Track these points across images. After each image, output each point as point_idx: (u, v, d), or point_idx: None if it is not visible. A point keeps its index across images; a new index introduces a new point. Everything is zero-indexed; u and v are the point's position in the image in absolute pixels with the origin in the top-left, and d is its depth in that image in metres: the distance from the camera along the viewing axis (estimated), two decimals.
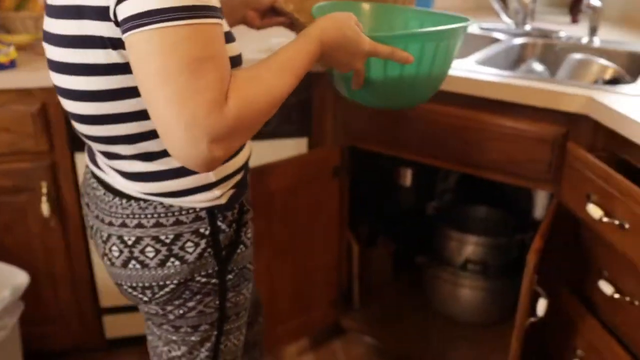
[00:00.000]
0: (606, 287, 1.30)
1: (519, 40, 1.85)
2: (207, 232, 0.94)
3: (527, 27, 1.95)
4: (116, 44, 0.79)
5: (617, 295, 1.28)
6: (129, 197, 0.94)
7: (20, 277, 1.59)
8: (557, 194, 1.43)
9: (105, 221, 0.96)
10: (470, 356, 1.85)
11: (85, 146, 1.04)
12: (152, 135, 0.87)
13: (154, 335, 1.06)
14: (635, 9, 2.12)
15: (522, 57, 1.86)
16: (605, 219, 1.20)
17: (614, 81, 1.58)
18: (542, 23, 2.10)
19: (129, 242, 0.94)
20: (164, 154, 0.90)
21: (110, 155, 0.93)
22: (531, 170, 1.47)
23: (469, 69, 1.52)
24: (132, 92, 0.83)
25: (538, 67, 1.74)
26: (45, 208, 1.65)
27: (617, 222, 1.18)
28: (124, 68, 0.81)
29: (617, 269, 1.30)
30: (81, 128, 0.92)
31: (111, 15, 0.76)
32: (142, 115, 0.85)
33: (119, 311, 1.90)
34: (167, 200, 0.93)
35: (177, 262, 0.93)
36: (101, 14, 0.77)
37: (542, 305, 1.29)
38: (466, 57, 1.63)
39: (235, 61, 0.89)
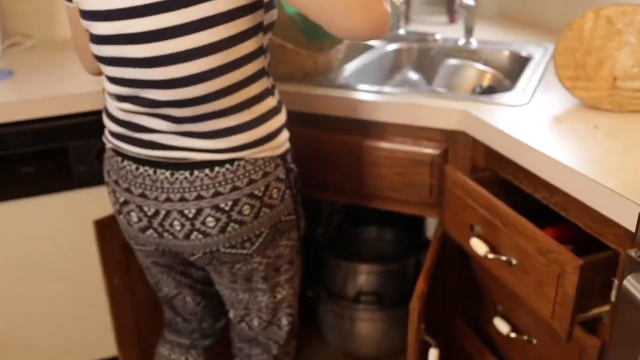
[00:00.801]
0: (502, 326, 1.15)
1: (392, 47, 1.69)
2: (283, 176, 1.05)
3: (401, 31, 1.79)
4: None
5: (513, 335, 1.13)
6: (212, 165, 0.98)
7: None
8: (442, 222, 1.27)
9: (189, 198, 0.99)
10: None
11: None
12: (254, 78, 0.97)
13: (259, 294, 1.14)
14: (511, 6, 2.02)
15: (397, 65, 1.69)
16: (490, 255, 1.04)
17: (493, 89, 1.44)
18: (419, 25, 1.96)
19: (226, 208, 0.99)
20: (260, 97, 0.99)
21: (205, 117, 0.96)
22: (412, 195, 1.31)
23: (336, 86, 1.34)
24: (246, 35, 0.92)
25: (413, 75, 1.59)
26: None
27: (503, 258, 1.02)
28: (243, 10, 0.90)
29: (512, 304, 1.16)
30: (184, 93, 0.92)
31: None
32: (250, 57, 0.95)
33: None
34: (254, 151, 0.99)
35: (267, 210, 1.03)
36: None
37: (433, 357, 1.12)
38: (336, 70, 1.45)
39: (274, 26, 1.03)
